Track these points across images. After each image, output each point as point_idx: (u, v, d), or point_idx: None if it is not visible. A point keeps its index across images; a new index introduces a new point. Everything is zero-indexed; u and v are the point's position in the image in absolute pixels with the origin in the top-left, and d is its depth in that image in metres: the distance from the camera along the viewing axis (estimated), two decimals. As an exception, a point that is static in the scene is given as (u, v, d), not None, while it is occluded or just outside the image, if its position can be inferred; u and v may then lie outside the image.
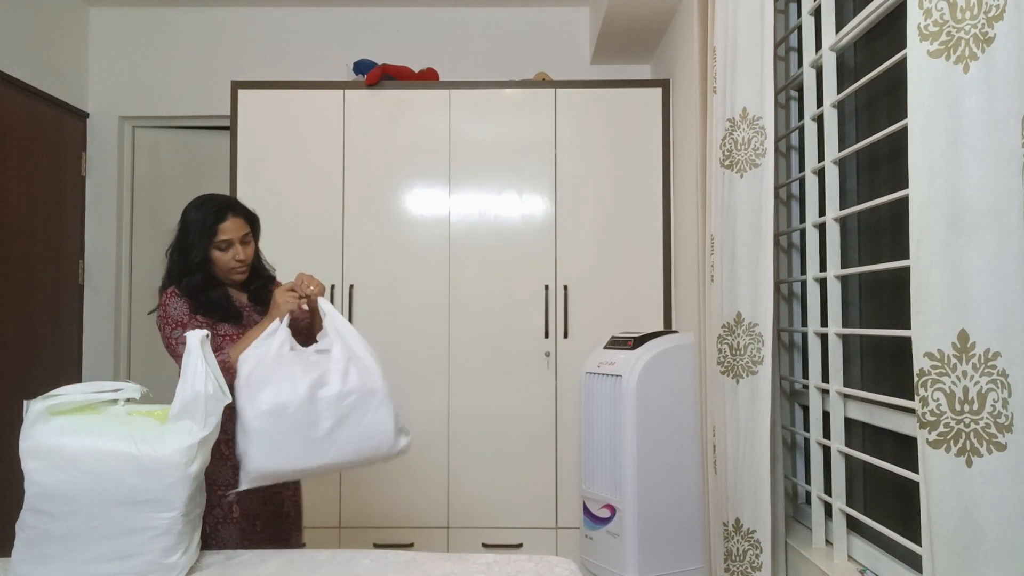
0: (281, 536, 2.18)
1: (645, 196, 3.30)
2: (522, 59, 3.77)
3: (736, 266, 2.11)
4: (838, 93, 1.98)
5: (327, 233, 3.29)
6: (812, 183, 2.11)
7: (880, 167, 1.89)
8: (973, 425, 1.20)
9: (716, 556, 2.24)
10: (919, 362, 1.27)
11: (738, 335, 2.10)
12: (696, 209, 2.43)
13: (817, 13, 2.09)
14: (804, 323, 2.24)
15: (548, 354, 3.28)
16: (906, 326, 1.38)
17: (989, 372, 1.18)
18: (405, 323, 3.27)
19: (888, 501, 1.87)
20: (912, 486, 1.62)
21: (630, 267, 3.28)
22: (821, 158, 2.07)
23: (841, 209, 1.99)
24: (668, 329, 3.20)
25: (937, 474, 1.24)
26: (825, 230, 2.01)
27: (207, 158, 3.97)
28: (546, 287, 3.28)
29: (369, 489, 3.25)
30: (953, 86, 1.23)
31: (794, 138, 2.33)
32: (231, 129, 3.31)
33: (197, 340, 1.78)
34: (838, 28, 1.99)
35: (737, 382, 2.11)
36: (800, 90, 2.26)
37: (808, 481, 2.22)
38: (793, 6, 2.36)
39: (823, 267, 2.05)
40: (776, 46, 2.20)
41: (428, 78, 3.44)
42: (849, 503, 1.96)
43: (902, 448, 1.73)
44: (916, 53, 1.29)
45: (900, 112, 1.65)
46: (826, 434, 2.04)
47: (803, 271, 2.23)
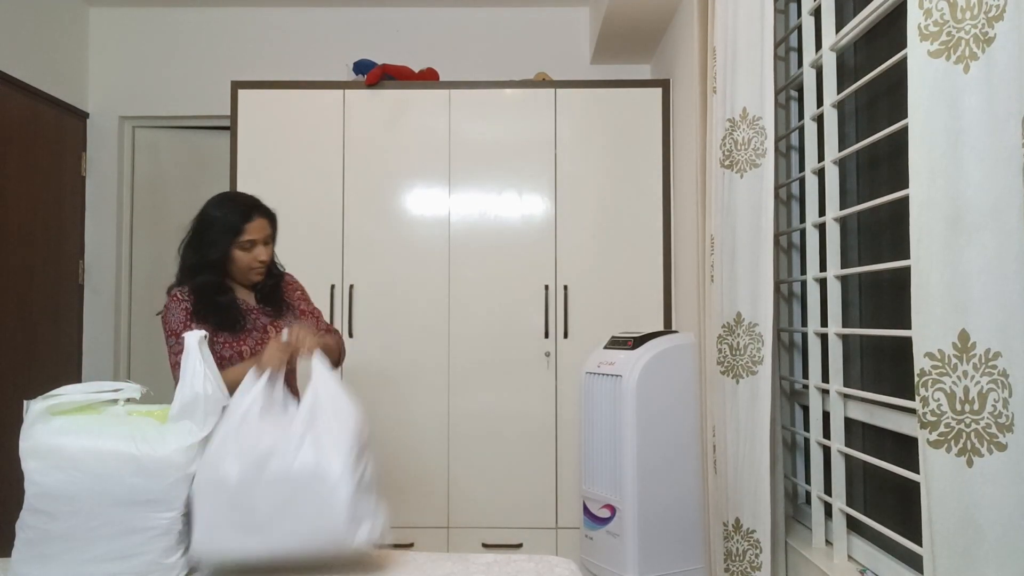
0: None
1: (645, 196, 3.30)
2: (522, 59, 3.77)
3: (736, 266, 2.11)
4: (838, 93, 1.98)
5: (327, 233, 3.29)
6: (812, 183, 2.11)
7: (880, 167, 1.89)
8: (974, 425, 1.20)
9: (716, 556, 2.24)
10: (920, 362, 1.27)
11: (738, 335, 2.11)
12: (696, 209, 2.43)
13: (817, 13, 2.09)
14: (804, 323, 2.24)
15: (548, 354, 3.28)
16: (906, 326, 1.39)
17: (990, 372, 1.18)
18: (405, 323, 3.27)
19: (888, 501, 1.87)
20: (912, 486, 1.62)
21: (630, 267, 3.28)
22: (821, 158, 2.07)
23: (841, 209, 1.99)
24: (668, 329, 3.20)
25: (938, 474, 1.24)
26: (825, 230, 2.01)
27: (207, 158, 3.97)
28: (546, 287, 3.28)
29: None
30: (953, 86, 1.23)
31: (794, 138, 2.33)
32: (231, 129, 3.31)
33: (195, 340, 1.77)
34: (838, 28, 1.99)
35: (737, 382, 2.11)
36: (800, 90, 2.26)
37: (808, 481, 2.22)
38: (793, 6, 2.36)
39: (823, 267, 2.05)
40: (776, 46, 2.20)
41: (428, 78, 3.44)
42: (849, 503, 1.96)
43: (902, 448, 1.73)
44: (916, 53, 1.29)
45: (900, 112, 1.65)
46: (826, 434, 2.04)
47: (803, 271, 2.23)
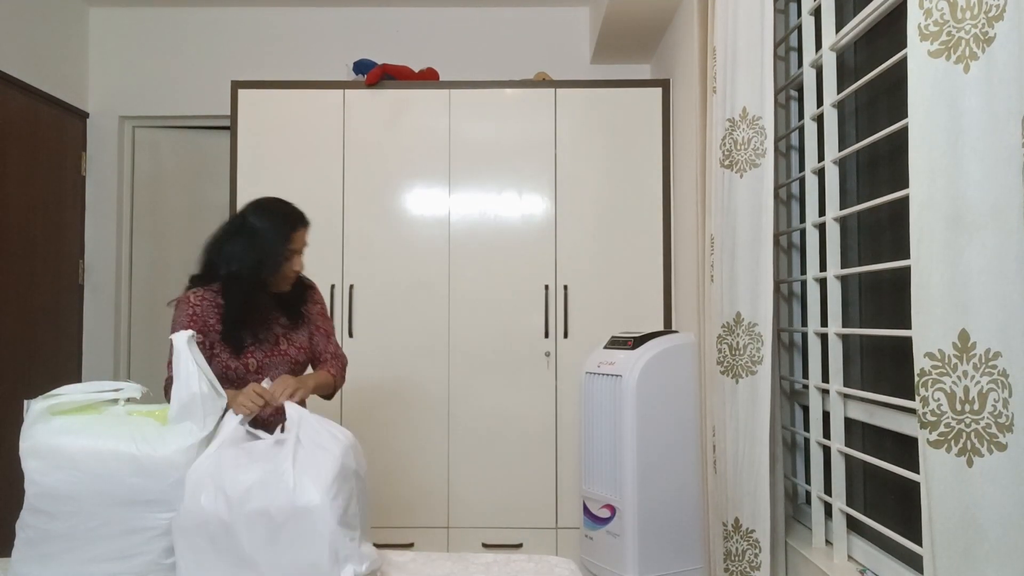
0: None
1: (645, 196, 3.30)
2: (522, 59, 3.77)
3: (736, 266, 2.11)
4: (838, 93, 1.98)
5: (327, 233, 3.28)
6: (812, 183, 2.11)
7: (880, 167, 1.89)
8: (974, 425, 1.20)
9: (715, 556, 2.24)
10: (920, 362, 1.27)
11: (738, 335, 2.11)
12: (696, 209, 2.43)
13: (817, 13, 2.09)
14: (804, 323, 2.24)
15: (548, 354, 3.27)
16: (906, 326, 1.39)
17: (990, 372, 1.18)
18: (405, 323, 3.27)
19: (888, 501, 1.87)
20: (912, 486, 1.62)
21: (630, 267, 3.28)
22: (821, 158, 2.07)
23: (841, 209, 1.99)
24: (668, 329, 3.20)
25: (938, 474, 1.24)
26: (825, 230, 2.01)
27: (207, 158, 3.97)
28: (546, 287, 3.28)
29: (369, 489, 3.24)
30: (953, 86, 1.23)
31: (794, 138, 2.33)
32: (231, 129, 3.31)
33: (183, 341, 1.74)
34: (838, 28, 1.99)
35: (737, 382, 2.11)
36: (800, 90, 2.26)
37: (808, 481, 2.22)
38: (793, 6, 2.36)
39: (823, 267, 2.05)
40: (776, 46, 2.20)
41: (428, 78, 3.44)
42: (849, 503, 1.96)
43: (902, 448, 1.73)
44: (916, 53, 1.29)
45: (900, 112, 1.65)
46: (826, 434, 2.04)
47: (803, 271, 2.23)
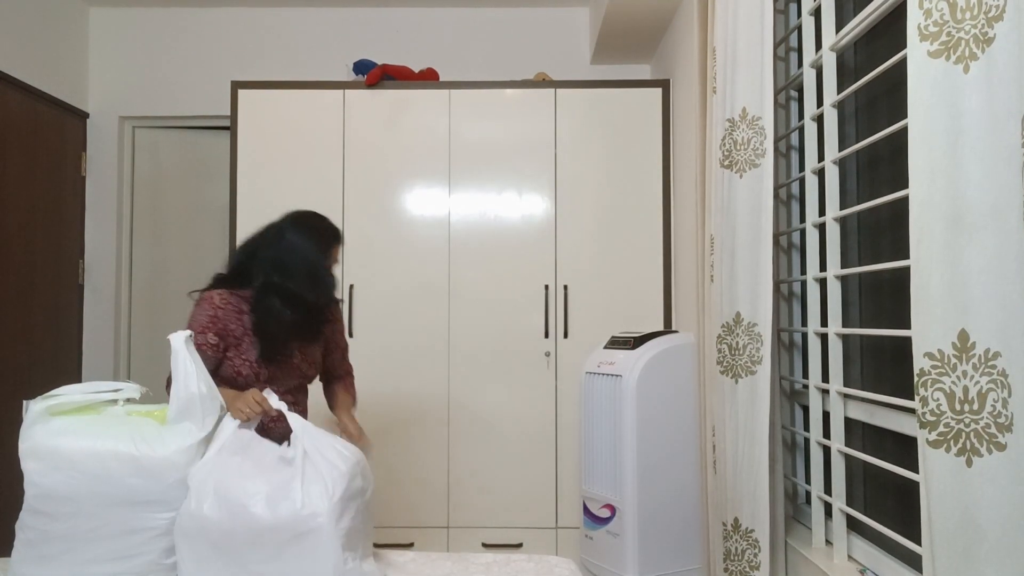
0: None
1: (645, 196, 3.30)
2: (522, 59, 3.77)
3: (736, 266, 2.11)
4: (838, 93, 1.98)
5: (327, 233, 3.28)
6: (812, 183, 2.11)
7: (880, 167, 1.89)
8: (973, 425, 1.20)
9: (715, 555, 2.24)
10: (919, 362, 1.27)
11: (737, 335, 2.10)
12: (696, 209, 2.43)
13: (817, 13, 2.09)
14: (804, 323, 2.24)
15: (548, 354, 3.27)
16: (906, 326, 1.38)
17: (989, 372, 1.18)
18: (405, 323, 3.27)
19: (888, 501, 1.86)
20: (912, 486, 1.62)
21: (630, 267, 3.28)
22: (821, 158, 2.07)
23: (841, 209, 1.99)
24: (668, 329, 3.20)
25: (937, 474, 1.24)
26: (825, 230, 2.01)
27: (207, 158, 3.97)
28: (546, 287, 3.28)
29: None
30: (953, 86, 1.23)
31: (794, 138, 2.33)
32: (231, 129, 3.31)
33: (181, 341, 1.73)
34: (838, 28, 1.99)
35: (736, 382, 2.11)
36: (800, 90, 2.26)
37: (808, 481, 2.22)
38: (793, 6, 2.36)
39: (823, 267, 2.05)
40: (776, 46, 2.20)
41: (428, 78, 3.44)
42: (849, 503, 1.96)
43: (902, 448, 1.73)
44: (916, 53, 1.29)
45: (900, 112, 1.65)
46: (826, 434, 2.04)
47: (803, 271, 2.23)
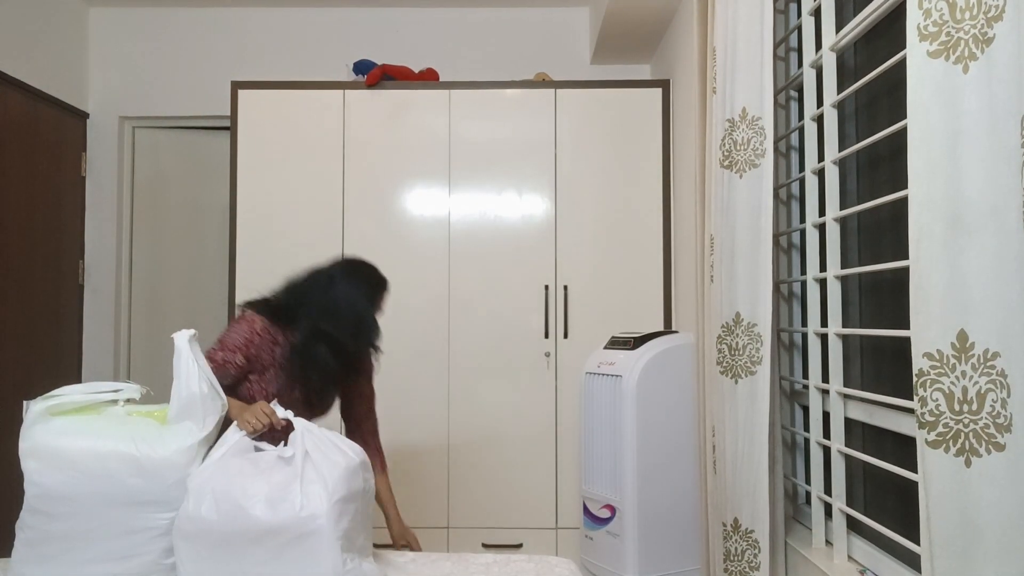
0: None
1: (645, 196, 3.30)
2: (522, 59, 3.77)
3: (735, 266, 2.11)
4: (838, 93, 1.98)
5: (327, 233, 3.29)
6: (812, 183, 2.11)
7: (880, 167, 1.89)
8: (972, 425, 1.20)
9: (715, 556, 2.24)
10: (918, 362, 1.27)
11: (737, 335, 2.10)
12: (696, 209, 2.43)
13: (817, 13, 2.09)
14: (804, 323, 2.24)
15: (548, 354, 3.27)
16: (906, 326, 1.38)
17: (988, 372, 1.18)
18: (405, 323, 3.27)
19: (888, 501, 1.86)
20: (912, 486, 1.62)
21: (630, 267, 3.28)
22: (821, 158, 2.07)
23: (841, 209, 1.99)
24: (668, 329, 3.20)
25: (936, 474, 1.24)
26: (825, 230, 2.01)
27: (207, 158, 3.97)
28: (546, 287, 3.28)
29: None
30: (953, 86, 1.23)
31: (794, 138, 2.33)
32: (231, 129, 3.31)
33: (185, 340, 1.73)
34: (838, 28, 1.98)
35: (736, 382, 2.11)
36: (800, 90, 2.26)
37: (808, 481, 2.22)
38: (793, 6, 2.36)
39: (823, 267, 2.05)
40: (776, 46, 2.20)
41: (428, 78, 3.44)
42: (849, 503, 1.96)
43: (902, 448, 1.73)
44: (916, 53, 1.29)
45: (900, 112, 1.65)
46: (826, 434, 2.04)
47: (803, 271, 2.23)
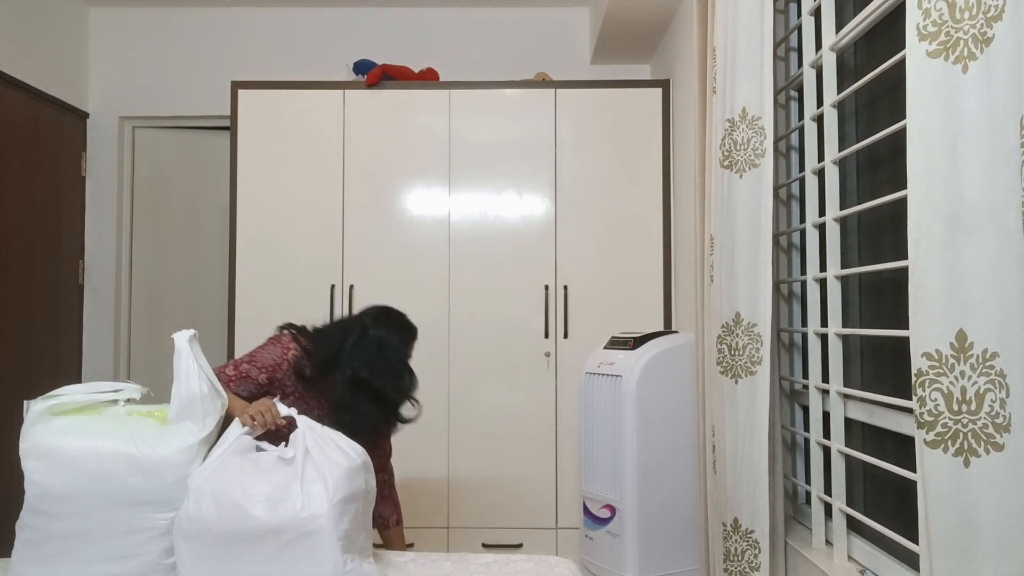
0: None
1: (645, 196, 3.30)
2: (522, 59, 3.77)
3: (735, 266, 2.11)
4: (838, 93, 1.98)
5: (327, 233, 3.29)
6: (812, 183, 2.11)
7: (880, 167, 1.89)
8: (971, 425, 1.20)
9: (715, 556, 2.24)
10: (917, 362, 1.27)
11: (737, 335, 2.10)
12: (696, 209, 2.43)
13: (817, 13, 2.09)
14: (804, 323, 2.24)
15: (548, 354, 3.28)
16: (906, 326, 1.38)
17: (987, 372, 1.18)
18: (405, 323, 3.27)
19: (888, 501, 1.86)
20: (913, 486, 1.62)
21: (630, 267, 3.28)
22: (821, 158, 2.07)
23: (841, 209, 1.99)
24: (668, 329, 3.20)
25: (935, 474, 1.24)
26: (825, 230, 2.01)
27: (207, 158, 3.97)
28: (546, 287, 3.28)
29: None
30: (952, 86, 1.23)
31: (794, 138, 2.33)
32: (231, 129, 3.31)
33: (185, 340, 1.73)
34: (838, 28, 1.98)
35: (736, 382, 2.11)
36: (800, 90, 2.26)
37: (808, 481, 2.22)
38: (793, 6, 2.36)
39: (823, 267, 2.05)
40: (776, 46, 2.20)
41: (428, 78, 3.44)
42: (849, 503, 1.96)
43: (902, 448, 1.73)
44: (915, 53, 1.29)
45: (900, 112, 1.65)
46: (826, 434, 2.04)
47: (803, 271, 2.23)
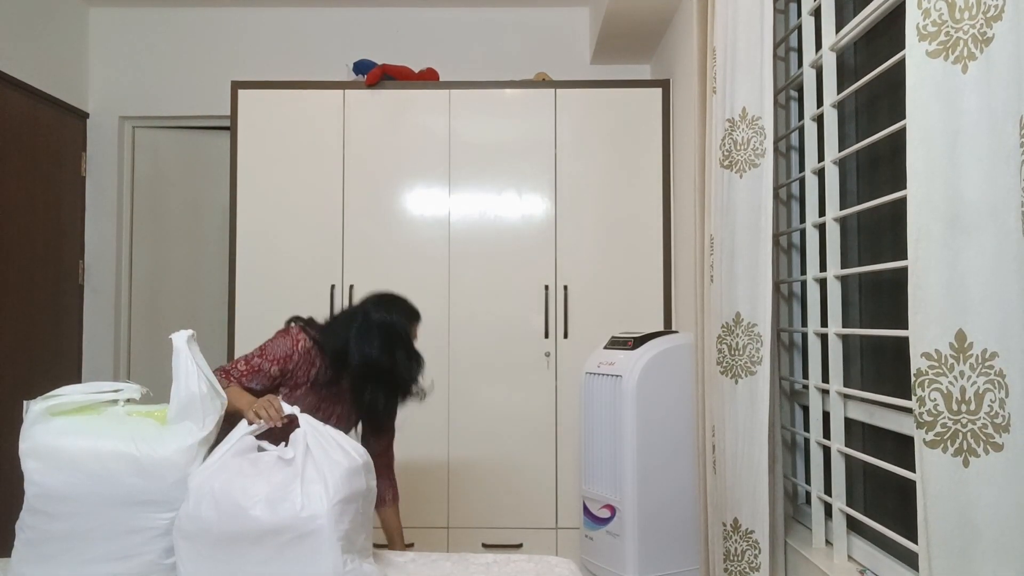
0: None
1: (645, 196, 3.30)
2: (522, 59, 3.77)
3: (735, 266, 2.11)
4: (838, 93, 1.97)
5: (327, 233, 3.29)
6: (812, 183, 2.11)
7: (880, 167, 1.89)
8: (970, 425, 1.20)
9: (715, 556, 2.24)
10: (916, 362, 1.27)
11: (737, 335, 2.10)
12: (696, 209, 2.43)
13: (817, 13, 2.09)
14: (804, 323, 2.24)
15: (548, 354, 3.28)
16: (906, 326, 1.38)
17: (986, 372, 1.18)
18: (405, 323, 3.27)
19: (888, 501, 1.87)
20: (912, 486, 1.62)
21: (630, 267, 3.28)
22: (821, 158, 2.07)
23: (841, 209, 1.99)
24: (668, 329, 3.20)
25: (934, 474, 1.24)
26: (825, 230, 2.01)
27: (207, 158, 3.97)
28: (546, 287, 3.28)
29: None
30: (952, 86, 1.23)
31: (794, 138, 2.33)
32: (231, 129, 3.31)
33: (183, 340, 1.73)
34: (838, 28, 1.98)
35: (736, 382, 2.10)
36: (800, 90, 2.26)
37: (808, 481, 2.22)
38: (793, 6, 2.36)
39: (823, 267, 2.05)
40: (776, 46, 2.20)
41: (428, 78, 3.44)
42: (849, 503, 1.96)
43: (902, 448, 1.73)
44: (915, 53, 1.29)
45: (900, 112, 1.65)
46: (826, 434, 2.04)
47: (803, 271, 2.23)
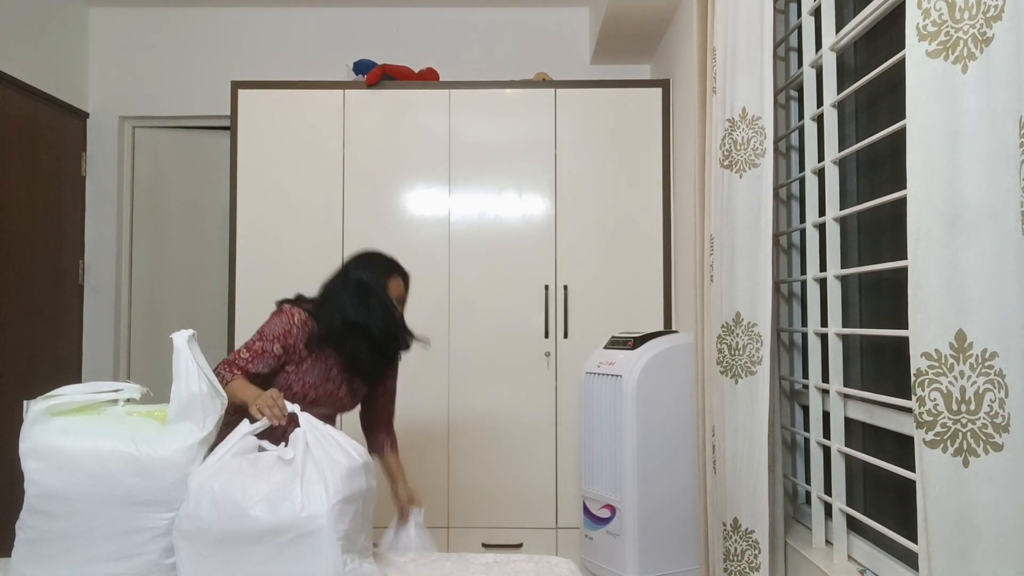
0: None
1: (645, 196, 3.30)
2: (522, 59, 3.77)
3: (735, 266, 2.11)
4: (838, 93, 1.98)
5: (327, 233, 3.29)
6: (812, 183, 2.11)
7: (880, 167, 1.89)
8: (970, 425, 1.20)
9: (715, 556, 2.24)
10: (916, 362, 1.27)
11: (737, 335, 2.10)
12: (695, 209, 2.43)
13: (817, 13, 2.09)
14: (804, 323, 2.24)
15: (548, 354, 3.27)
16: (906, 326, 1.38)
17: (986, 372, 1.18)
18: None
19: (888, 501, 1.87)
20: (912, 486, 1.62)
21: (630, 267, 3.28)
22: (821, 158, 2.07)
23: (841, 209, 1.99)
24: (668, 329, 3.20)
25: (934, 474, 1.24)
26: (825, 230, 2.01)
27: (207, 158, 3.97)
28: (546, 287, 3.28)
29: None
30: (952, 86, 1.23)
31: (794, 138, 2.33)
32: (231, 129, 3.32)
33: (184, 340, 1.72)
34: (838, 28, 1.98)
35: (736, 382, 2.11)
36: (800, 90, 2.26)
37: (808, 481, 2.22)
38: (793, 6, 2.36)
39: (823, 267, 2.05)
40: (776, 46, 2.20)
41: (428, 78, 3.44)
42: (849, 503, 1.96)
43: (902, 448, 1.73)
44: (915, 53, 1.29)
45: (900, 112, 1.64)
46: (826, 434, 2.04)
47: (803, 271, 2.23)
